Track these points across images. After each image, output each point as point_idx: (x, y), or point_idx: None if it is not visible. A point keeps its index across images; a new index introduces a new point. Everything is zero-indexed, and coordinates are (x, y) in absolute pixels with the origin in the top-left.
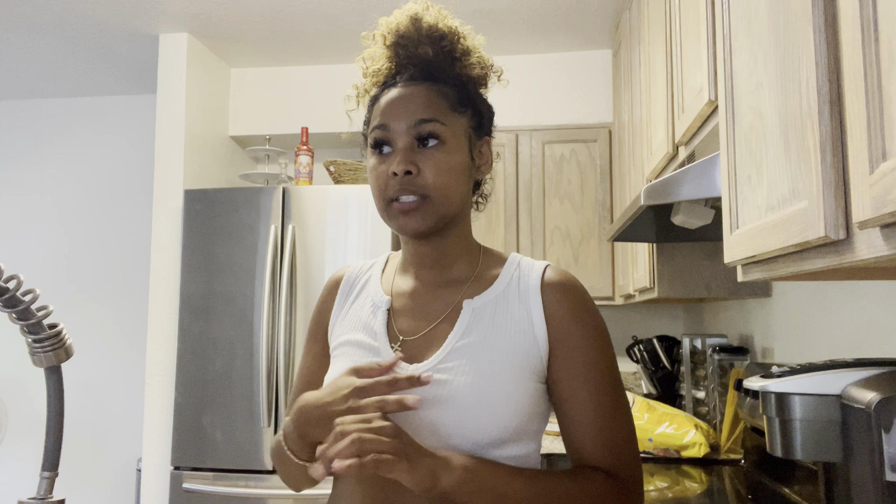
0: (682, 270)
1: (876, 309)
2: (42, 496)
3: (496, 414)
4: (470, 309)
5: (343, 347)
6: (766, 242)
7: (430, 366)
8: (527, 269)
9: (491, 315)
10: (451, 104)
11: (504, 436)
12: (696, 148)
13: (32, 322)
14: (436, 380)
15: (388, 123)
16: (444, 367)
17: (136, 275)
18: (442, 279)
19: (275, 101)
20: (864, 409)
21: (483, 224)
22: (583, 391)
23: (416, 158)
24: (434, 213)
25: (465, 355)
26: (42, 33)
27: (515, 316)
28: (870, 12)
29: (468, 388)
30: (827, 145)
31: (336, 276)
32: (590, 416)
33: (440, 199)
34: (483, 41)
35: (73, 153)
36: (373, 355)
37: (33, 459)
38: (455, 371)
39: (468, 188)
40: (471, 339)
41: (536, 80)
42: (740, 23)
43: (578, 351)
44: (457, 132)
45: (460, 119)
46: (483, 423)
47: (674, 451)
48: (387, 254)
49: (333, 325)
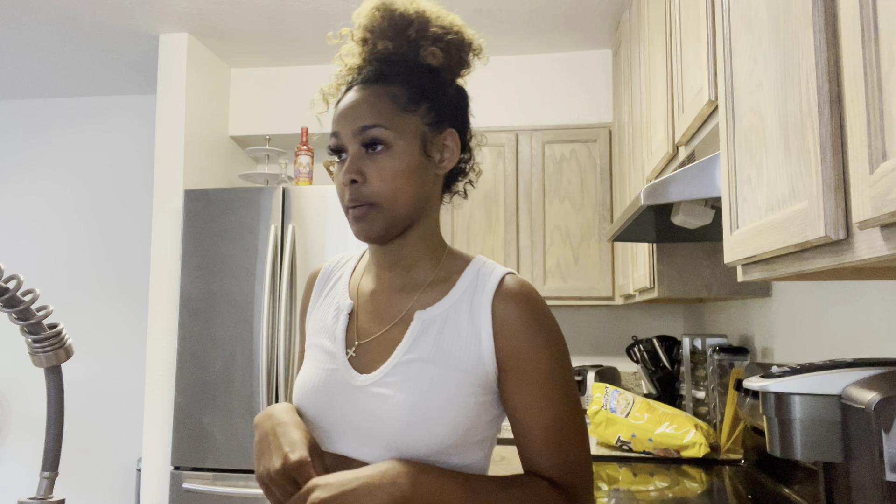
0: (682, 270)
1: (876, 309)
2: (42, 496)
3: (431, 431)
4: (420, 321)
5: (310, 350)
6: (766, 242)
7: (375, 379)
8: (484, 277)
9: (439, 329)
10: (399, 105)
11: (441, 449)
12: (696, 148)
13: (32, 322)
14: (376, 393)
15: (339, 131)
16: (387, 381)
17: (136, 275)
18: (401, 282)
19: (275, 101)
20: (864, 409)
21: (483, 224)
22: (534, 405)
23: (363, 165)
24: (383, 220)
25: (407, 372)
26: (42, 33)
27: (463, 331)
28: (870, 12)
29: (404, 406)
30: (827, 145)
31: (313, 272)
32: (541, 429)
33: (388, 206)
34: (457, 20)
35: (73, 153)
36: (331, 360)
37: (33, 459)
38: (395, 387)
39: (426, 188)
40: (415, 354)
41: (536, 80)
42: (740, 23)
43: (530, 364)
44: (406, 133)
45: (411, 118)
46: (417, 440)
47: (674, 451)
48: (364, 249)
49: (308, 322)
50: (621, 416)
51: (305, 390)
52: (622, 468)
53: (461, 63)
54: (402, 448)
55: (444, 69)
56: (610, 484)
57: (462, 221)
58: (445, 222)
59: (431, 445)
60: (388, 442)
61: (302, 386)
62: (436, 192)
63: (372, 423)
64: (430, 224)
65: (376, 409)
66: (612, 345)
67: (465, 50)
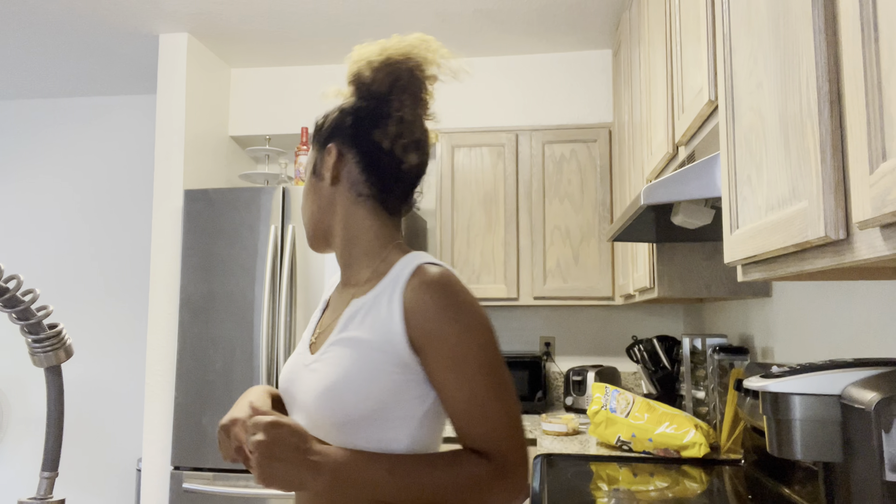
0: (682, 270)
1: (876, 309)
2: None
3: (344, 401)
4: (352, 307)
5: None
6: (766, 242)
7: (314, 358)
8: (406, 268)
9: (365, 314)
10: (313, 148)
11: (350, 421)
12: (696, 148)
13: (32, 322)
14: (312, 369)
15: None
16: (321, 359)
17: (136, 275)
18: (350, 280)
19: (275, 101)
20: (864, 409)
21: (483, 224)
22: (450, 382)
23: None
24: (307, 235)
25: (334, 350)
26: (42, 33)
27: (382, 315)
28: (870, 12)
29: (322, 380)
30: (827, 145)
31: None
32: (462, 403)
33: (304, 224)
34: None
35: (73, 153)
36: (302, 346)
37: (33, 459)
38: (325, 362)
39: (323, 202)
40: (344, 335)
41: (537, 80)
42: (740, 23)
43: (440, 344)
44: (308, 168)
45: (312, 154)
46: (332, 409)
47: (674, 451)
48: None
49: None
50: (621, 416)
51: (283, 372)
52: (622, 468)
53: (359, 87)
54: (315, 417)
55: (350, 111)
56: (610, 484)
57: (462, 221)
58: (446, 222)
59: (339, 416)
60: (307, 412)
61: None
62: (341, 202)
63: (303, 395)
64: (353, 229)
65: (307, 383)
66: (612, 345)
67: (356, 82)
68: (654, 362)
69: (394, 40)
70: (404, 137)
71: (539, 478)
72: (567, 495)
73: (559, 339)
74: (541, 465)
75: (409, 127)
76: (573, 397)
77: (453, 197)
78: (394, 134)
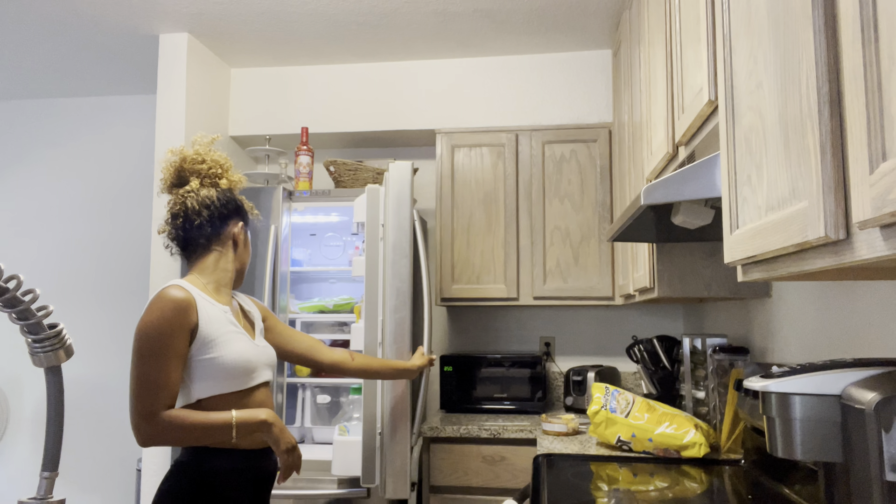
0: (682, 270)
1: (876, 309)
2: (42, 496)
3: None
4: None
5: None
6: (766, 242)
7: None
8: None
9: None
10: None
11: None
12: (696, 148)
13: (32, 322)
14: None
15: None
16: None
17: (136, 275)
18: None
19: (275, 101)
20: (864, 409)
21: (483, 224)
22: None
23: None
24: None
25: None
26: (42, 33)
27: None
28: (870, 12)
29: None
30: (827, 145)
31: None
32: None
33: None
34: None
35: (73, 153)
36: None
37: (33, 459)
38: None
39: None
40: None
41: (536, 80)
42: (740, 23)
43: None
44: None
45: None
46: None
47: (674, 451)
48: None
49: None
50: (621, 416)
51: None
52: (622, 468)
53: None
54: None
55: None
56: (610, 484)
57: (462, 221)
58: (446, 222)
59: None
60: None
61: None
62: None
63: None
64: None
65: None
66: (612, 345)
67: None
68: (654, 362)
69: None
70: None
71: (539, 478)
72: (567, 495)
73: (559, 339)
74: (541, 464)
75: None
76: (573, 397)
77: (453, 197)
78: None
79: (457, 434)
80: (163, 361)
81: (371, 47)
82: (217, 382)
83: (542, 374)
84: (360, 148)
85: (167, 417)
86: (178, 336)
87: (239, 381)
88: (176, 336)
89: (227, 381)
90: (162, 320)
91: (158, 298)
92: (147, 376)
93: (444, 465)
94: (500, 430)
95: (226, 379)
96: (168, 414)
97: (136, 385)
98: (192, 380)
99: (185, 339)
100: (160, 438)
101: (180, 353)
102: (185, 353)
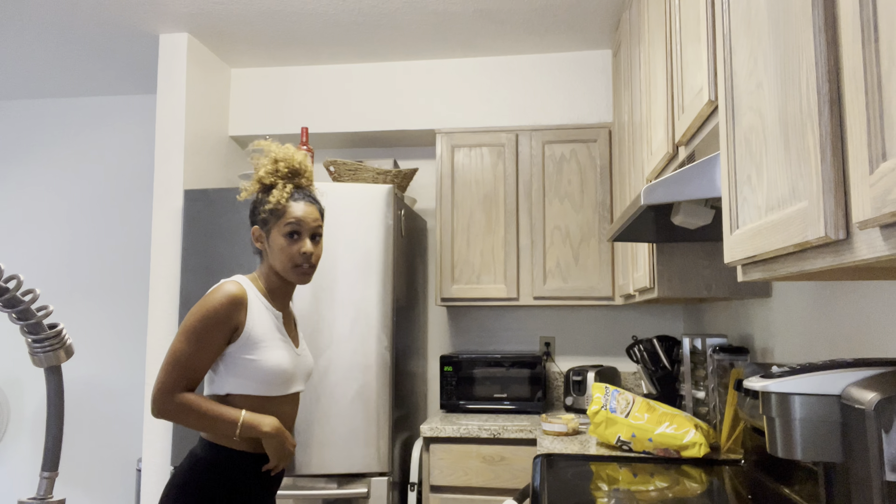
0: (682, 270)
1: (876, 309)
2: (42, 496)
3: None
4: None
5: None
6: (766, 242)
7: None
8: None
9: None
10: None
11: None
12: (696, 148)
13: (32, 322)
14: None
15: (301, 223)
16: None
17: (136, 275)
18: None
19: (275, 101)
20: (864, 409)
21: (483, 224)
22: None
23: (312, 245)
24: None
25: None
26: (42, 33)
27: None
28: (870, 12)
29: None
30: (827, 145)
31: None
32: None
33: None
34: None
35: (73, 153)
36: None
37: (33, 459)
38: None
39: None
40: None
41: (537, 80)
42: (740, 23)
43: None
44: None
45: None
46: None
47: (674, 451)
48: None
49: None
50: (621, 416)
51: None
52: (622, 468)
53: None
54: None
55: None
56: (610, 484)
57: (462, 221)
58: (446, 222)
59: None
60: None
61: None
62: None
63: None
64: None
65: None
66: (612, 345)
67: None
68: (654, 362)
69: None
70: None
71: (539, 478)
72: (567, 495)
73: (559, 339)
74: (541, 464)
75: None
76: (573, 397)
77: (453, 197)
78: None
79: (457, 434)
80: (196, 348)
81: (371, 47)
82: (251, 383)
83: (541, 374)
84: (360, 148)
85: (183, 399)
86: (219, 330)
87: (272, 388)
88: (217, 329)
89: (261, 385)
90: (210, 310)
91: (217, 289)
92: (179, 355)
93: (443, 465)
94: (500, 430)
95: (261, 382)
96: (185, 396)
97: (168, 358)
98: (229, 374)
99: (224, 334)
100: (171, 416)
101: (216, 346)
102: (222, 347)
